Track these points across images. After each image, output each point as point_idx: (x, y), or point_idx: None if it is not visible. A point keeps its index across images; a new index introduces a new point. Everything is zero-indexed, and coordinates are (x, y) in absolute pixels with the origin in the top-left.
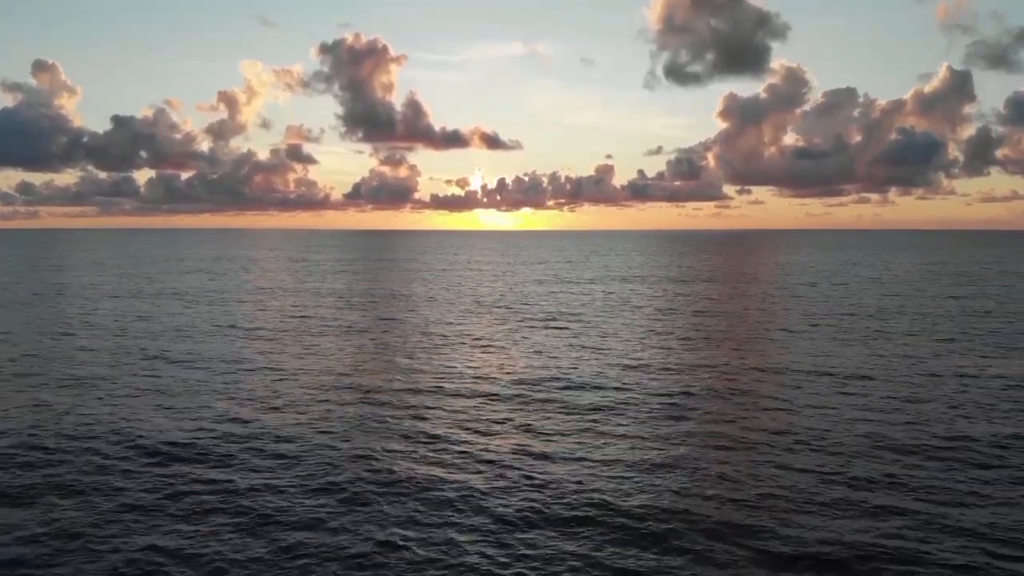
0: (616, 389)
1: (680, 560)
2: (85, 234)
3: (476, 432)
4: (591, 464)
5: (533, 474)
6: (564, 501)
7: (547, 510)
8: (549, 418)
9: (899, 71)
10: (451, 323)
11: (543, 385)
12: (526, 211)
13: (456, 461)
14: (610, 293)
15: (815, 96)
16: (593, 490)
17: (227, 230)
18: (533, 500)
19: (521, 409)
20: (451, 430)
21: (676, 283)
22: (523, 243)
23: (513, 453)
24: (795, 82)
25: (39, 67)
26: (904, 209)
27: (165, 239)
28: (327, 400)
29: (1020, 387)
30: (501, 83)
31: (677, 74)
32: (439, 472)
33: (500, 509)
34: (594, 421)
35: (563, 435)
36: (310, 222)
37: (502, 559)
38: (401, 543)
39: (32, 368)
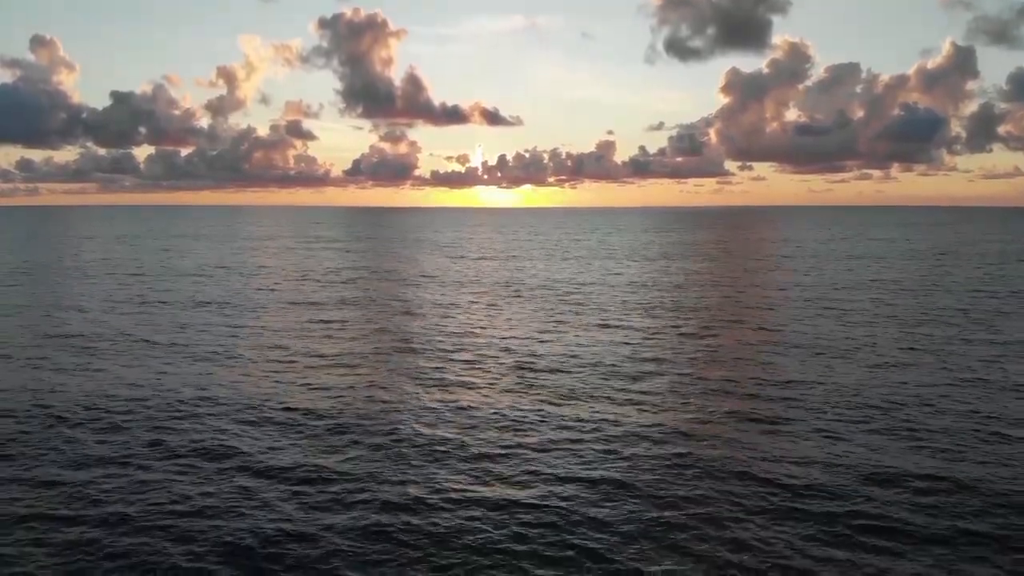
0: (595, 353)
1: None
2: (90, 211)
3: (477, 387)
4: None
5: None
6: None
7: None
8: (539, 378)
9: (902, 46)
10: (462, 297)
11: (537, 350)
12: (527, 188)
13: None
14: (603, 267)
15: (817, 71)
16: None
17: (228, 207)
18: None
19: (513, 366)
20: (460, 385)
21: (657, 260)
22: (526, 220)
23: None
24: (797, 57)
25: (37, 43)
26: (906, 185)
27: (170, 216)
28: (351, 362)
29: (911, 349)
30: (501, 58)
31: (678, 49)
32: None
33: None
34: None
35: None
36: (310, 199)
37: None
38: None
39: (113, 335)
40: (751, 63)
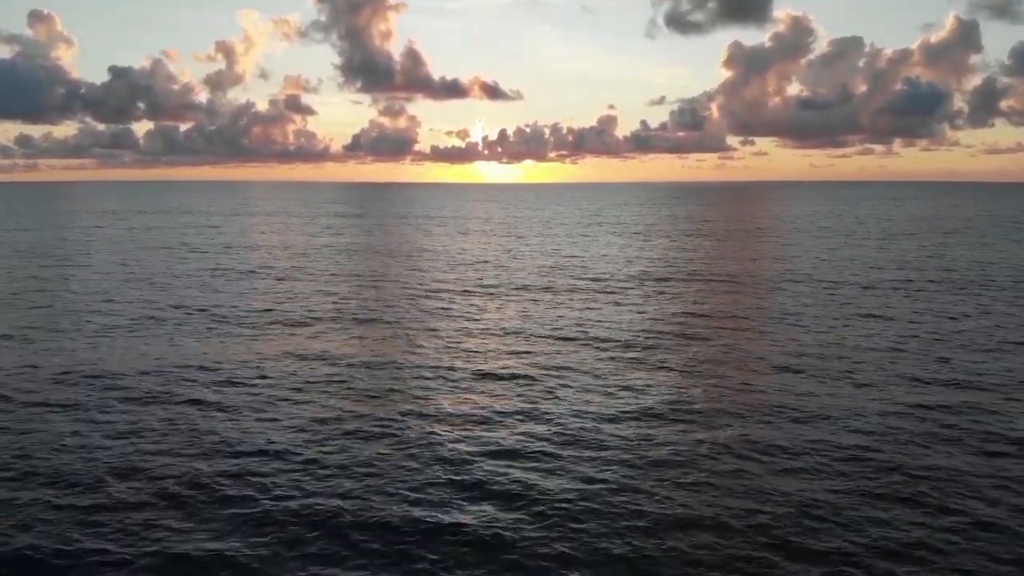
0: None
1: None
2: (93, 187)
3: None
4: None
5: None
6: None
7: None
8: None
9: (905, 19)
10: (470, 277)
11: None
12: (528, 163)
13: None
14: (605, 242)
15: (820, 45)
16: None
17: (228, 183)
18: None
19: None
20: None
21: (644, 235)
22: (530, 197)
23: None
24: (800, 31)
25: (36, 18)
26: (908, 161)
27: (174, 192)
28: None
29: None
30: (501, 31)
31: (679, 23)
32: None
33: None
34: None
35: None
36: (310, 174)
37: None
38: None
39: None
40: (753, 37)
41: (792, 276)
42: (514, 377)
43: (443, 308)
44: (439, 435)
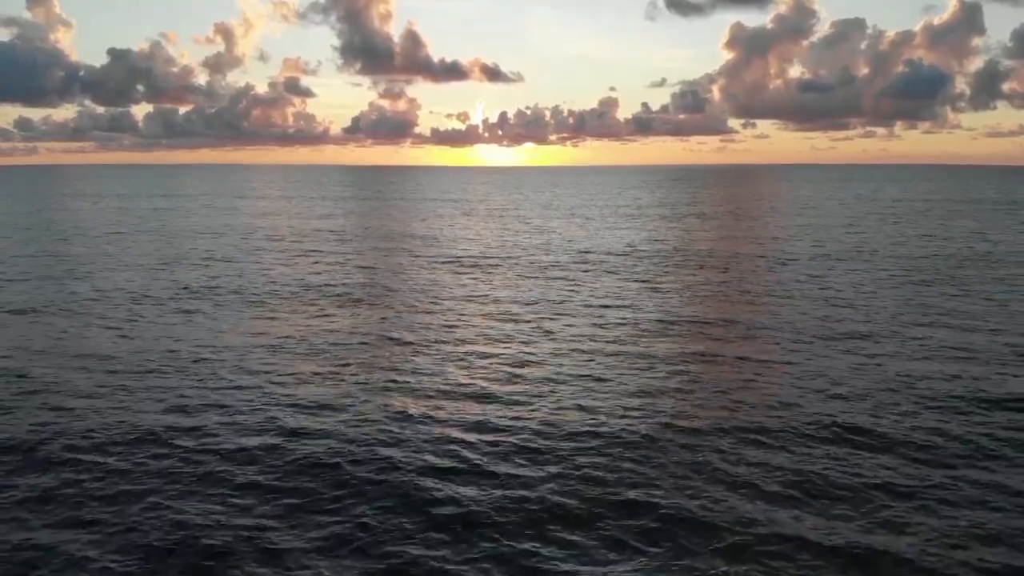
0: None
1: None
2: (97, 170)
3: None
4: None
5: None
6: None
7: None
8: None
9: (908, 1)
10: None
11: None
12: (529, 146)
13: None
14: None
15: (822, 27)
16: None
17: (229, 166)
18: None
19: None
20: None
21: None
22: (532, 181)
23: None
24: (802, 12)
25: (34, 0)
26: (910, 143)
27: (182, 175)
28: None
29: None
30: (501, 12)
31: (679, 5)
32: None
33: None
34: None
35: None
36: (310, 157)
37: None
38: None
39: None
40: (754, 18)
41: (763, 253)
42: (513, 336)
43: (451, 281)
44: (454, 378)
